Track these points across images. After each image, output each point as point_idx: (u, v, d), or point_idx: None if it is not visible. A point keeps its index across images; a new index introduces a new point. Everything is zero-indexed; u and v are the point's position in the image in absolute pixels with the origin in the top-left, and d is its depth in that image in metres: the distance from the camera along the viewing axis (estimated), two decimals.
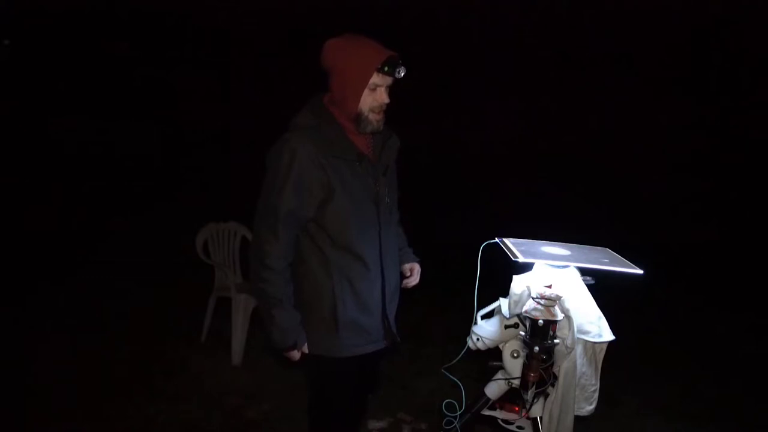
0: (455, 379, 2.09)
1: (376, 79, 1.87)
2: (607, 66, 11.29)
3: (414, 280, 2.28)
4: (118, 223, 6.83)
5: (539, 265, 1.96)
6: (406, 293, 2.27)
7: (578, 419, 1.99)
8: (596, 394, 2.02)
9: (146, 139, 11.62)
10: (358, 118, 1.91)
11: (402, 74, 1.89)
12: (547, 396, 1.99)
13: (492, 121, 11.35)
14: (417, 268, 2.29)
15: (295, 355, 1.98)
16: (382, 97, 1.91)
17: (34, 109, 11.98)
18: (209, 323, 3.94)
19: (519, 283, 1.94)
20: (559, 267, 1.94)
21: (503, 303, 2.03)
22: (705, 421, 3.44)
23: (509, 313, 1.96)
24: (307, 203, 1.88)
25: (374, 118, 1.92)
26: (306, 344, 1.99)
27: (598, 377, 2.02)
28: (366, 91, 1.88)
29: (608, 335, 1.96)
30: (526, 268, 1.97)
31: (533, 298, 1.89)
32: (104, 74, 13.17)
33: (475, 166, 10.59)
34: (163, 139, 11.75)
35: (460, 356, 2.06)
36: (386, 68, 1.85)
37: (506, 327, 2.01)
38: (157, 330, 4.11)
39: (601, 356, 2.00)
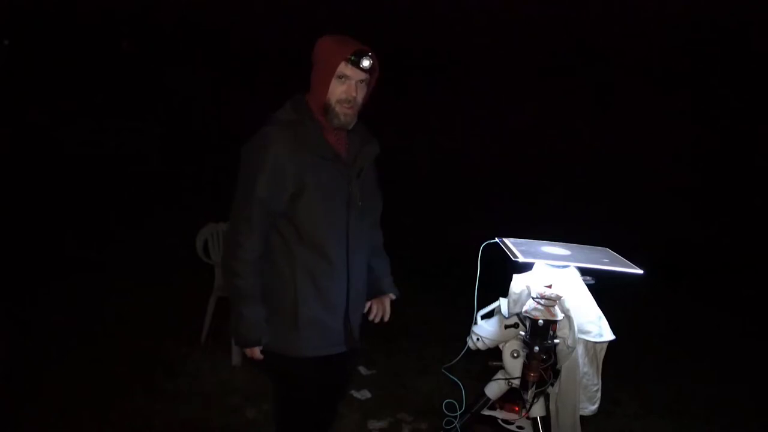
0: (455, 379, 2.10)
1: (344, 69, 1.88)
2: (607, 66, 11.30)
3: (381, 315, 2.20)
4: (117, 222, 6.82)
5: (539, 265, 1.96)
6: (405, 293, 2.26)
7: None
8: (599, 394, 2.02)
9: (146, 139, 11.62)
10: (327, 110, 1.92)
11: (366, 64, 1.88)
12: (548, 395, 2.00)
13: (492, 121, 11.36)
14: (388, 302, 2.21)
15: (257, 352, 1.97)
16: (351, 89, 1.90)
17: (34, 109, 11.97)
18: (209, 323, 3.94)
19: (519, 283, 1.94)
20: (559, 267, 1.94)
21: (503, 303, 2.03)
22: (705, 421, 3.44)
23: (509, 313, 1.96)
24: (280, 196, 1.89)
25: (342, 111, 1.91)
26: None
27: (600, 377, 2.02)
28: (335, 81, 1.89)
29: (609, 335, 1.96)
30: (526, 268, 1.97)
31: (533, 298, 1.89)
32: (104, 74, 13.16)
33: (475, 166, 10.59)
34: (162, 139, 11.75)
35: (460, 356, 2.06)
36: (352, 57, 1.87)
37: (506, 327, 2.02)
38: (157, 330, 4.10)
39: (601, 356, 2.00)
